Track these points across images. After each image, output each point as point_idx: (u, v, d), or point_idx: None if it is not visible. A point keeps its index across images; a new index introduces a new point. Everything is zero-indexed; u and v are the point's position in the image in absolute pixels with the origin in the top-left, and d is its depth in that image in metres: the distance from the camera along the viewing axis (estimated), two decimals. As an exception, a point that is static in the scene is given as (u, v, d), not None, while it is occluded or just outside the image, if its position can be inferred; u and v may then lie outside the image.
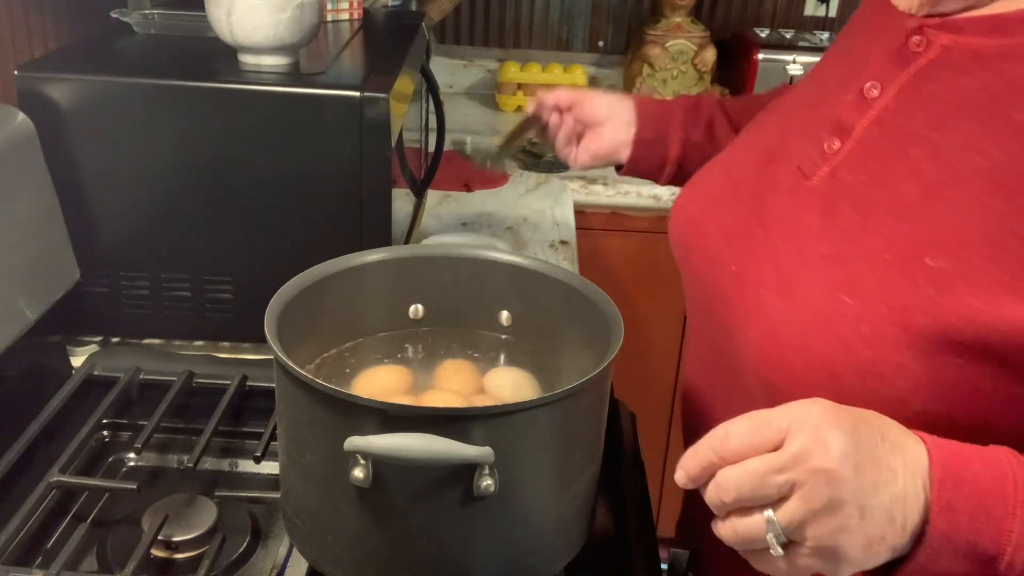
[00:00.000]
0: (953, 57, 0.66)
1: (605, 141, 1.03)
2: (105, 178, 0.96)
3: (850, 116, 0.70)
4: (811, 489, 0.53)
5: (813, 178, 0.71)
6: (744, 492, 0.54)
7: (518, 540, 0.65)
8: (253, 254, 0.99)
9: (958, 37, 0.66)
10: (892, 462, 0.55)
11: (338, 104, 0.93)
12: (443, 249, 0.82)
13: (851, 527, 0.53)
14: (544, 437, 0.63)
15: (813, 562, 0.55)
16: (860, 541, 0.54)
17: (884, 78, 0.69)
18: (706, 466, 0.57)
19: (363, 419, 0.59)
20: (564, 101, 1.05)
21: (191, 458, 0.80)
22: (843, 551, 0.54)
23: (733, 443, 0.55)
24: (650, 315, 1.67)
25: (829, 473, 0.53)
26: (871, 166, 0.68)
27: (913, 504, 0.54)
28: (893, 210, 0.65)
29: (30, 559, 0.73)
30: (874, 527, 0.54)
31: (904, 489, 0.54)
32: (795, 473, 0.53)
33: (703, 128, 1.02)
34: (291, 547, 0.73)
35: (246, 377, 0.92)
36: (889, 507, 0.54)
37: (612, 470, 0.86)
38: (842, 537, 0.54)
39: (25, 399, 0.88)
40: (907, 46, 0.68)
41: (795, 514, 0.53)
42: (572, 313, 0.76)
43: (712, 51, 2.08)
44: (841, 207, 0.68)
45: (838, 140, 0.70)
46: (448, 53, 2.23)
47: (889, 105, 0.68)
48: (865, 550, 0.54)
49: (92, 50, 1.05)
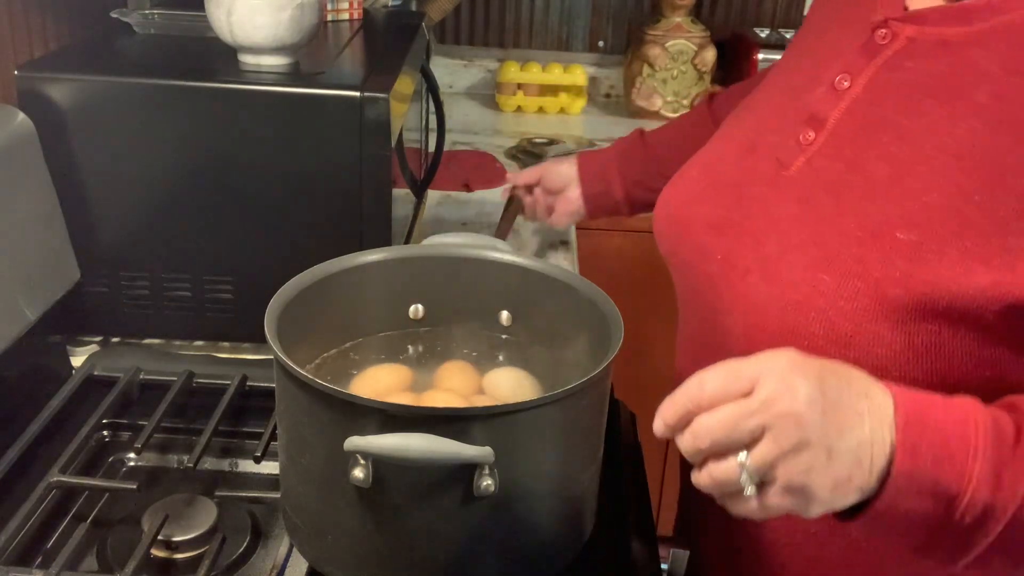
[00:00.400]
0: (918, 46, 0.70)
1: (572, 203, 1.20)
2: (105, 178, 0.96)
3: (823, 108, 0.74)
4: (780, 431, 0.55)
5: (791, 168, 0.74)
6: (718, 437, 0.57)
7: (518, 540, 0.65)
8: (253, 254, 0.99)
9: (923, 28, 0.70)
10: (858, 407, 0.57)
11: (338, 104, 0.93)
12: (443, 249, 0.82)
13: (819, 467, 0.56)
14: (544, 437, 0.63)
15: (784, 501, 0.57)
16: (828, 481, 0.56)
17: (853, 70, 0.73)
18: (683, 414, 0.59)
19: (363, 419, 0.59)
20: (530, 180, 1.24)
21: (191, 458, 0.80)
22: (812, 490, 0.56)
23: (707, 390, 0.58)
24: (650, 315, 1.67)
25: (797, 416, 0.55)
26: (845, 153, 0.71)
27: (879, 448, 0.57)
28: (865, 191, 0.68)
29: (30, 559, 0.73)
30: (841, 468, 0.56)
31: (871, 434, 0.57)
32: (765, 417, 0.55)
33: (638, 165, 1.16)
34: (291, 547, 0.72)
35: (246, 377, 0.92)
36: (856, 450, 0.56)
37: (612, 470, 0.86)
38: (810, 477, 0.56)
39: (25, 399, 0.88)
40: (873, 39, 0.72)
41: (766, 455, 0.56)
42: (572, 313, 0.76)
43: (712, 51, 2.08)
44: (817, 194, 0.71)
45: (812, 131, 0.74)
46: (448, 53, 2.23)
47: (859, 95, 0.72)
48: (833, 490, 0.57)
49: (92, 50, 1.05)
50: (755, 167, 0.78)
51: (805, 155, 0.74)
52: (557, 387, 0.62)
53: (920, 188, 0.65)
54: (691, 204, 0.83)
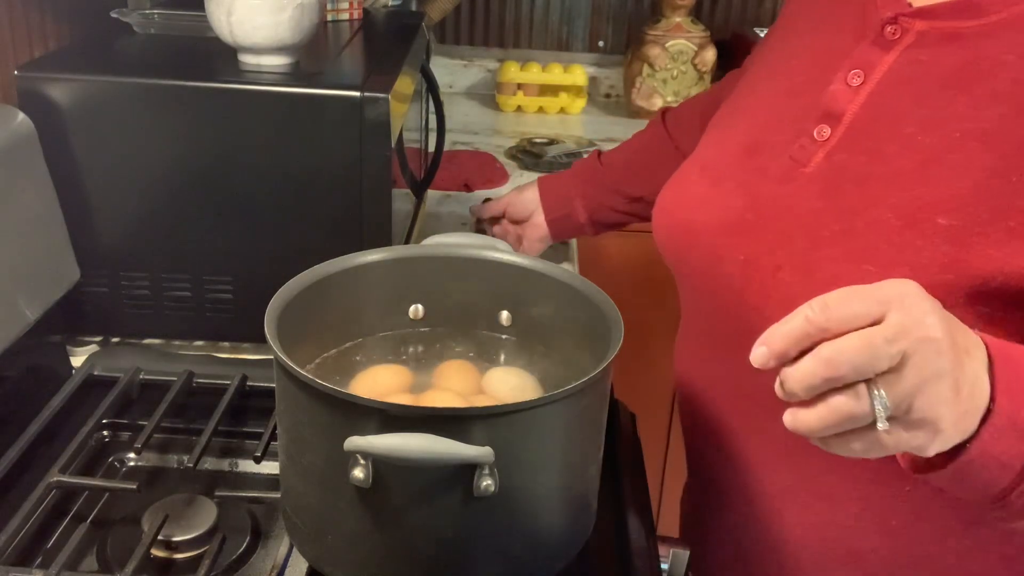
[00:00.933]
0: (930, 40, 0.71)
1: (539, 229, 1.23)
2: (105, 178, 0.96)
3: (838, 104, 0.74)
4: (922, 358, 0.51)
5: (809, 165, 0.75)
6: (859, 363, 0.51)
7: (518, 540, 0.65)
8: (253, 254, 0.99)
9: (933, 22, 0.71)
10: (968, 345, 0.55)
11: (338, 104, 0.93)
12: (443, 249, 0.82)
13: (950, 399, 0.53)
14: (544, 437, 0.63)
15: (911, 436, 0.53)
16: (954, 414, 0.53)
17: (866, 65, 0.74)
18: (801, 337, 0.52)
19: (363, 419, 0.59)
20: (496, 212, 1.27)
21: (191, 458, 0.80)
22: (941, 423, 0.53)
23: (835, 313, 0.52)
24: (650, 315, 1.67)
25: (937, 343, 0.52)
26: (866, 146, 0.72)
27: (982, 384, 0.55)
28: (895, 181, 0.69)
29: (30, 559, 0.73)
30: (964, 400, 0.54)
31: (975, 370, 0.55)
32: (907, 342, 0.51)
33: (598, 187, 1.19)
34: (291, 547, 0.72)
35: (246, 377, 0.92)
36: (972, 382, 0.54)
37: (612, 470, 0.86)
38: (942, 409, 0.53)
39: (25, 399, 0.88)
40: (882, 35, 0.73)
41: (907, 384, 0.52)
42: (572, 313, 0.76)
43: (712, 51, 2.08)
44: (843, 187, 0.72)
45: (827, 127, 0.74)
46: (448, 53, 2.23)
47: (875, 89, 0.73)
48: (955, 424, 0.54)
49: (92, 50, 1.05)
50: (764, 167, 0.78)
51: (823, 151, 0.74)
52: (557, 387, 0.62)
53: (953, 175, 0.66)
54: (696, 209, 0.83)
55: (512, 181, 1.69)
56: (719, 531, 0.91)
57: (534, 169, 1.76)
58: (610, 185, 1.18)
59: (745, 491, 0.84)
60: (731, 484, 0.86)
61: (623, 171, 1.18)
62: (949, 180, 0.66)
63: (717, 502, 0.90)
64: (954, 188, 0.66)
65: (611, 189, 1.18)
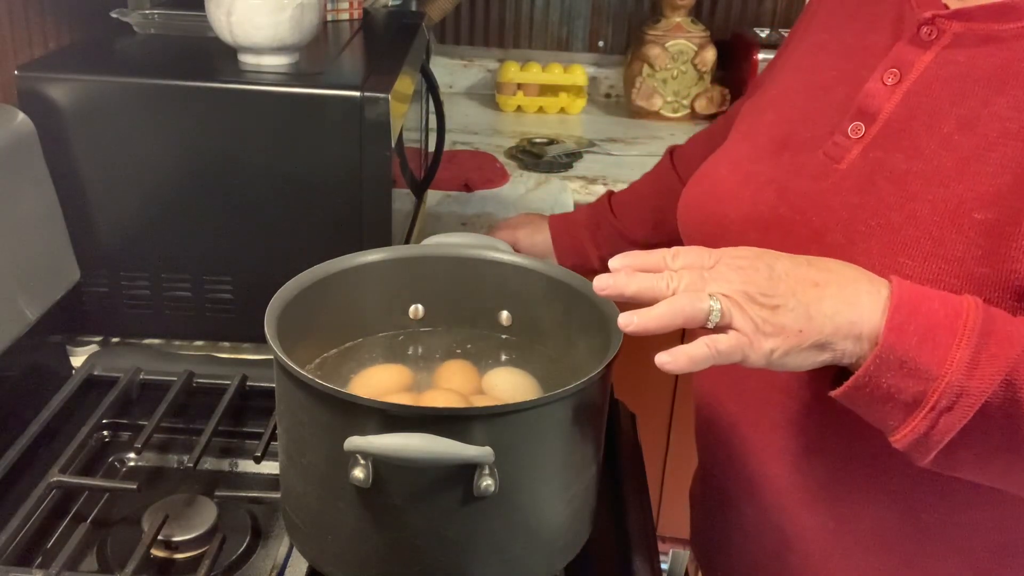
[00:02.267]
0: (967, 41, 0.72)
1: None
2: (105, 178, 0.96)
3: (873, 102, 0.75)
4: (746, 274, 0.61)
5: (843, 162, 0.75)
6: (690, 261, 0.62)
7: (518, 540, 0.65)
8: (253, 254, 0.99)
9: (969, 24, 0.72)
10: (818, 277, 0.63)
11: (338, 104, 0.93)
12: (443, 249, 0.82)
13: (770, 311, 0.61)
14: (544, 437, 0.63)
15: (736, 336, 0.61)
16: (780, 325, 0.61)
17: (902, 65, 0.75)
18: (656, 262, 0.63)
19: (363, 419, 0.59)
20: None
21: (191, 458, 0.80)
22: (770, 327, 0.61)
23: (680, 259, 0.63)
24: (650, 315, 1.67)
25: (756, 268, 0.62)
26: (903, 144, 0.73)
27: (869, 324, 0.61)
28: (933, 179, 0.70)
29: (30, 559, 0.73)
30: (798, 319, 0.61)
31: (822, 298, 0.62)
32: (729, 259, 0.62)
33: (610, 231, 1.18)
34: (291, 547, 0.73)
35: (246, 377, 0.92)
36: (833, 317, 0.61)
37: (612, 470, 0.86)
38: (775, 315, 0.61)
39: (25, 399, 0.88)
40: (919, 35, 0.74)
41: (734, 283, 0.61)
42: (572, 313, 0.76)
43: (712, 51, 2.08)
44: (879, 183, 0.73)
45: (863, 124, 0.75)
46: (448, 53, 2.23)
47: (912, 88, 0.74)
48: (786, 338, 0.61)
49: (92, 50, 1.05)
50: (795, 163, 0.79)
51: (858, 148, 0.75)
52: (557, 387, 0.62)
53: (991, 173, 0.68)
54: (727, 203, 0.83)
55: (512, 181, 1.70)
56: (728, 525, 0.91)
57: (534, 169, 1.76)
58: (623, 234, 1.17)
59: (754, 485, 0.84)
60: (739, 478, 0.86)
61: (634, 218, 1.17)
62: (987, 178, 0.68)
63: (726, 496, 0.90)
64: (991, 186, 0.67)
65: (625, 238, 1.17)
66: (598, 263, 1.18)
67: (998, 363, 0.60)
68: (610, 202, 1.19)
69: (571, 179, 1.72)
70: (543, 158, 1.79)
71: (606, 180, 1.72)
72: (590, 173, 1.75)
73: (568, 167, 1.77)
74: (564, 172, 1.75)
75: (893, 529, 0.76)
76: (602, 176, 1.73)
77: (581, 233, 1.19)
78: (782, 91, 0.87)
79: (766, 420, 0.81)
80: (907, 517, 0.76)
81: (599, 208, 1.20)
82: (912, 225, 0.69)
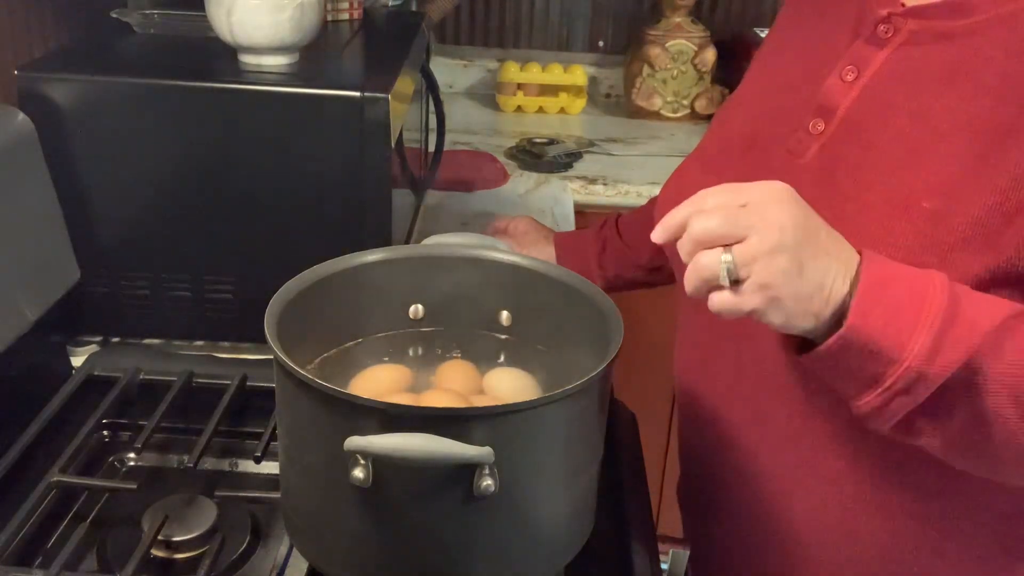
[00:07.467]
0: (922, 38, 0.74)
1: None
2: (105, 178, 0.96)
3: (832, 99, 0.78)
4: (764, 233, 0.61)
5: (805, 156, 0.78)
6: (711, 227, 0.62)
7: (518, 540, 0.65)
8: (253, 254, 0.99)
9: (924, 22, 0.74)
10: (831, 248, 0.64)
11: (338, 104, 0.93)
12: (443, 249, 0.82)
13: (791, 275, 0.61)
14: (544, 437, 0.63)
15: (754, 299, 0.62)
16: (793, 291, 0.62)
17: (859, 62, 0.77)
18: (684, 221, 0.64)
19: (363, 419, 0.59)
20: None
21: (191, 458, 0.80)
22: (780, 295, 0.62)
23: (709, 201, 0.64)
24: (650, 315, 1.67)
25: (781, 224, 0.61)
26: (860, 138, 0.75)
27: (840, 287, 0.63)
28: (885, 169, 0.73)
29: (30, 559, 0.73)
30: (808, 285, 0.62)
31: (836, 274, 0.63)
32: (753, 219, 0.61)
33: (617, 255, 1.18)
34: (291, 547, 0.73)
35: (246, 377, 0.92)
36: (822, 277, 0.63)
37: (612, 470, 0.86)
38: (781, 280, 0.61)
39: (25, 399, 0.88)
40: (876, 33, 0.76)
41: (747, 250, 0.61)
42: (572, 313, 0.76)
43: (712, 51, 2.08)
44: (836, 176, 0.75)
45: (822, 121, 0.78)
46: (448, 53, 2.23)
47: (868, 84, 0.76)
48: (796, 301, 0.62)
49: (92, 50, 1.05)
50: (762, 159, 0.81)
51: (818, 143, 0.78)
52: (557, 387, 0.62)
53: (940, 162, 0.70)
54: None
55: (512, 181, 1.70)
56: (721, 523, 0.91)
57: (534, 169, 1.76)
58: (629, 259, 1.17)
59: (746, 479, 0.84)
60: (732, 474, 0.86)
61: (639, 242, 1.16)
62: (935, 168, 0.70)
63: (718, 494, 0.90)
64: (940, 175, 0.70)
65: (630, 263, 1.17)
66: (603, 285, 1.17)
67: (960, 347, 0.61)
68: (617, 224, 1.19)
69: (571, 179, 1.72)
70: (543, 158, 1.79)
71: (606, 180, 1.72)
72: (590, 173, 1.75)
73: (568, 167, 1.77)
74: (564, 172, 1.75)
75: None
76: (602, 176, 1.73)
77: (588, 253, 1.19)
78: (752, 90, 0.90)
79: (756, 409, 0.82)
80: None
81: (606, 232, 1.20)
82: (864, 214, 0.72)
